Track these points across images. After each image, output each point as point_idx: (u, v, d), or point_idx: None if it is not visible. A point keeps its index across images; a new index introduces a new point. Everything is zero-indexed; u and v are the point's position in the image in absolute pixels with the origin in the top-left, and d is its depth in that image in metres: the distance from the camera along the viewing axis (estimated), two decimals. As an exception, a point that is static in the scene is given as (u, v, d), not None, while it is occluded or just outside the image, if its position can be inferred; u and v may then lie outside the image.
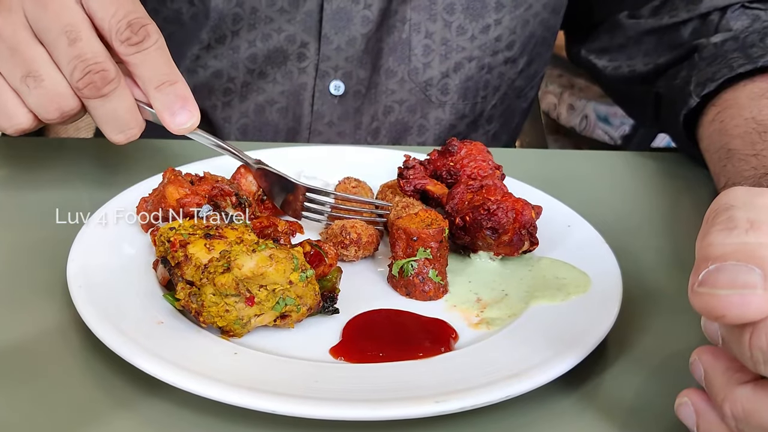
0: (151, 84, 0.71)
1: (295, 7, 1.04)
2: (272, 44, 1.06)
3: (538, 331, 0.62)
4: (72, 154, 0.96)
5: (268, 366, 0.56)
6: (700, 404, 0.49)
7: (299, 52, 1.07)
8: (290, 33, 1.05)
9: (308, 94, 1.09)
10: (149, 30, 0.70)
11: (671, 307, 0.70)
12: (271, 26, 1.05)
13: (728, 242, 0.44)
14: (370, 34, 1.06)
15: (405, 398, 0.52)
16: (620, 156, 1.11)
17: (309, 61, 1.07)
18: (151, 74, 0.71)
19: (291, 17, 1.05)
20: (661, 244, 0.81)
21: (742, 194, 0.47)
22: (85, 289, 0.61)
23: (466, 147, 0.79)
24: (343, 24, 1.04)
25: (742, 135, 0.82)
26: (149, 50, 0.70)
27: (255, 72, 1.08)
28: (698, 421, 0.49)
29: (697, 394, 0.49)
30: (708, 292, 0.43)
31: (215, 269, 0.58)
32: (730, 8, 0.99)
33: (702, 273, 0.44)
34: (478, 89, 1.12)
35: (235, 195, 0.72)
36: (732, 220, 0.45)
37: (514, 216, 0.70)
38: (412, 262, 0.67)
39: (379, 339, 0.62)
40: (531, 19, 1.10)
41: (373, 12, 1.05)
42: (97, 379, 0.57)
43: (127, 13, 0.70)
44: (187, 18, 1.07)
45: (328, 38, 1.05)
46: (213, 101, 1.11)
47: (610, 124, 2.75)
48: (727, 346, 0.46)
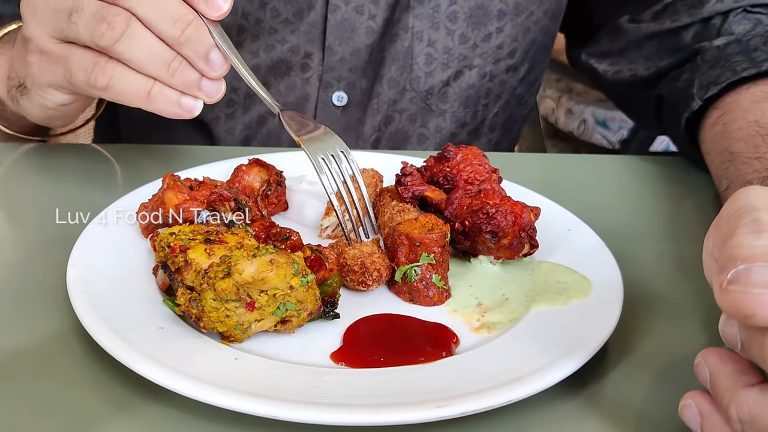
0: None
1: (299, 18, 1.04)
2: (276, 55, 1.06)
3: (539, 335, 0.62)
4: (71, 158, 0.96)
5: (269, 371, 0.56)
6: (705, 406, 0.49)
7: (303, 62, 1.06)
8: (294, 44, 1.05)
9: (311, 105, 1.09)
10: None
11: (672, 310, 0.70)
12: (274, 37, 1.05)
13: (758, 244, 0.44)
14: (374, 45, 1.06)
15: (406, 403, 0.52)
16: (620, 160, 1.11)
17: (312, 71, 1.07)
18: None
19: (295, 28, 1.04)
20: (661, 248, 0.81)
21: (763, 196, 0.48)
22: (85, 294, 0.61)
23: (462, 152, 0.79)
24: (348, 35, 1.04)
25: (745, 138, 0.83)
26: None
27: None
28: (703, 423, 0.49)
29: (701, 397, 0.49)
30: (739, 290, 0.43)
31: (215, 274, 0.58)
32: (732, 12, 0.99)
33: (731, 272, 0.44)
34: (479, 97, 1.12)
35: (234, 200, 0.72)
36: (758, 222, 0.46)
37: (513, 219, 0.70)
38: (415, 268, 0.67)
39: (380, 344, 0.62)
40: (532, 26, 1.10)
41: (377, 23, 1.04)
42: (98, 384, 0.57)
43: None
44: None
45: (332, 49, 1.05)
46: (216, 113, 1.10)
47: (608, 128, 2.75)
48: (747, 350, 0.46)
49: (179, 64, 0.70)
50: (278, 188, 0.80)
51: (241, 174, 0.79)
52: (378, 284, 0.68)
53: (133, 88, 0.70)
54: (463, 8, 1.05)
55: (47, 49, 0.74)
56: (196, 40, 0.69)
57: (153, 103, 0.71)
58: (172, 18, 0.69)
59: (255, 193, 0.78)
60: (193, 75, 0.70)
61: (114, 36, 0.68)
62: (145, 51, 0.69)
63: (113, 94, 0.72)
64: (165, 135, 1.11)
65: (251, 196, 0.77)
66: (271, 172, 0.80)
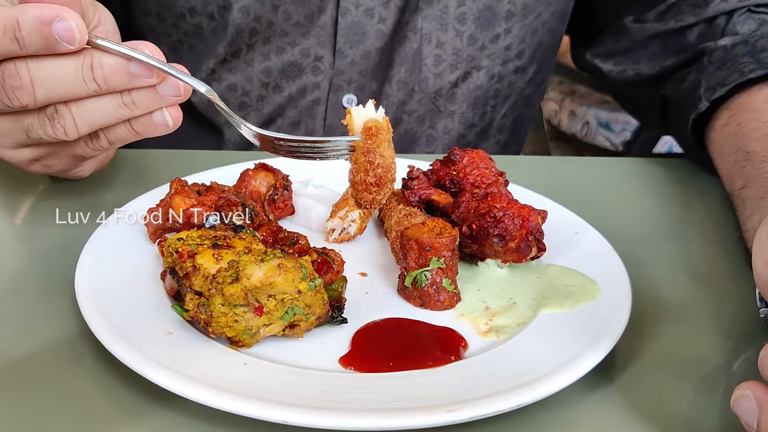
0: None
1: (310, 21, 1.04)
2: (287, 58, 1.06)
3: (547, 338, 0.61)
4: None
5: (278, 376, 0.56)
6: (765, 398, 0.47)
7: (314, 65, 1.07)
8: (304, 47, 1.05)
9: (321, 108, 1.09)
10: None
11: (680, 313, 0.69)
12: (285, 40, 1.05)
13: None
14: (384, 47, 1.06)
15: (417, 408, 0.52)
16: (626, 162, 1.11)
17: (323, 75, 1.07)
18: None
19: (306, 31, 1.04)
20: (669, 251, 0.81)
21: None
22: (93, 300, 0.61)
23: (468, 155, 0.79)
24: (358, 38, 1.04)
25: (761, 138, 0.83)
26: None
27: (270, 85, 1.08)
28: (761, 416, 0.47)
29: (761, 388, 0.47)
30: None
31: (224, 279, 0.58)
32: (737, 12, 0.99)
33: None
34: (487, 98, 1.12)
35: (242, 205, 0.72)
36: None
37: (521, 222, 0.70)
38: (425, 272, 0.67)
39: (388, 348, 0.61)
40: (540, 27, 1.10)
41: (387, 26, 1.05)
42: (106, 389, 0.57)
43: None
44: (207, 32, 1.06)
45: (342, 52, 1.05)
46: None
47: (611, 130, 2.75)
48: None
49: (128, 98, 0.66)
50: (284, 192, 0.80)
51: (247, 179, 0.79)
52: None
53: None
54: (472, 10, 1.05)
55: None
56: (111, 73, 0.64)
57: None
58: (77, 75, 0.64)
59: (262, 198, 0.78)
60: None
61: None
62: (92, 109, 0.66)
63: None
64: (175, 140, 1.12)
65: (258, 201, 0.77)
66: (277, 176, 0.80)
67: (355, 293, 0.68)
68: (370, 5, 1.03)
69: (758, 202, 0.77)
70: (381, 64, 1.07)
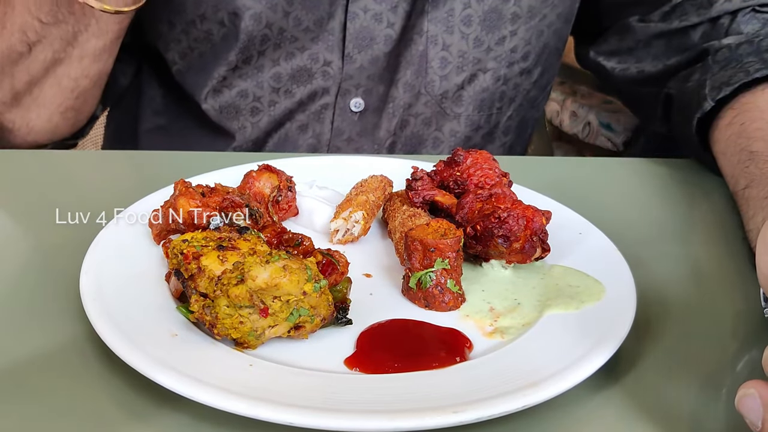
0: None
1: (320, 26, 1.04)
2: (296, 63, 1.06)
3: (552, 339, 0.61)
4: (79, 165, 0.96)
5: (284, 377, 0.56)
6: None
7: (323, 70, 1.07)
8: (314, 51, 1.06)
9: (329, 112, 1.09)
10: None
11: (685, 312, 0.69)
12: (295, 45, 1.05)
13: None
14: (391, 51, 1.06)
15: (422, 409, 0.52)
16: (629, 162, 1.11)
17: (332, 79, 1.07)
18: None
19: (315, 36, 1.05)
20: (673, 251, 0.81)
21: None
22: (98, 302, 0.61)
23: (472, 156, 0.79)
24: (366, 43, 1.05)
25: (765, 138, 0.83)
26: None
27: (280, 90, 1.08)
28: (766, 415, 0.46)
29: (766, 387, 0.47)
30: None
31: (229, 281, 0.58)
32: (741, 12, 0.99)
33: None
34: (493, 101, 1.13)
35: (246, 206, 0.72)
36: None
37: (525, 223, 0.70)
38: (430, 274, 0.67)
39: (393, 349, 0.61)
40: (545, 29, 1.10)
41: (395, 30, 1.05)
42: (112, 391, 0.57)
43: None
44: (218, 39, 1.06)
45: (351, 57, 1.06)
46: (242, 122, 1.11)
47: (612, 130, 2.74)
48: None
49: None
50: (288, 194, 0.80)
51: (251, 180, 0.79)
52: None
53: None
54: (477, 12, 1.05)
55: None
56: None
57: None
58: None
59: (266, 199, 0.78)
60: None
61: None
62: None
63: None
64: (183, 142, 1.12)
65: (262, 202, 0.77)
66: (281, 177, 0.80)
67: (359, 294, 0.68)
68: (378, 10, 1.03)
69: (761, 202, 0.77)
70: (388, 67, 1.07)
